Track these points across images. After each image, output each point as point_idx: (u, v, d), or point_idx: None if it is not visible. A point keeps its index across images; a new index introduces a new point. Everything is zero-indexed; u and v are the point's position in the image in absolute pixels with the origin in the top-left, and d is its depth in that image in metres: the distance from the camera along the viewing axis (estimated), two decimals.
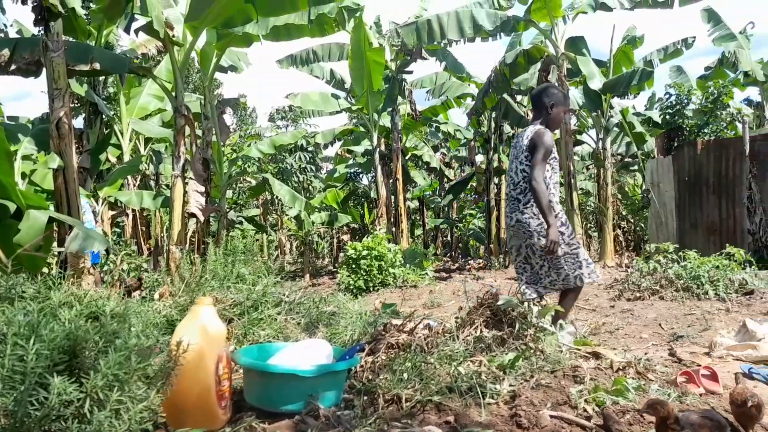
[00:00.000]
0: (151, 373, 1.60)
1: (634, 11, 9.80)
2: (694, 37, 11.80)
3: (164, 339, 2.12)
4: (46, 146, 6.70)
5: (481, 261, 13.45)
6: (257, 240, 14.94)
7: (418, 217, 18.80)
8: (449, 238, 19.57)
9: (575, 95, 11.70)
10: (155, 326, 2.66)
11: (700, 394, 2.89)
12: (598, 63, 10.91)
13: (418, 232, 19.05)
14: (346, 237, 16.97)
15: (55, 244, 4.48)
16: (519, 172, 3.74)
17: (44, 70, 5.29)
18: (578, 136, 13.45)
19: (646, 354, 3.77)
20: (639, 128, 10.84)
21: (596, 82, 9.61)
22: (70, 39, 7.19)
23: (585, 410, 2.45)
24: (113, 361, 1.37)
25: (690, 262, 6.17)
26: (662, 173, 10.04)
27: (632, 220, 13.35)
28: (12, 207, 3.18)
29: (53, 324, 1.39)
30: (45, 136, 6.57)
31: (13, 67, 5.90)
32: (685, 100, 11.32)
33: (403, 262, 9.60)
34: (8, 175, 3.12)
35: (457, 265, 13.49)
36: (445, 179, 18.21)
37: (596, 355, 3.19)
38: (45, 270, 4.21)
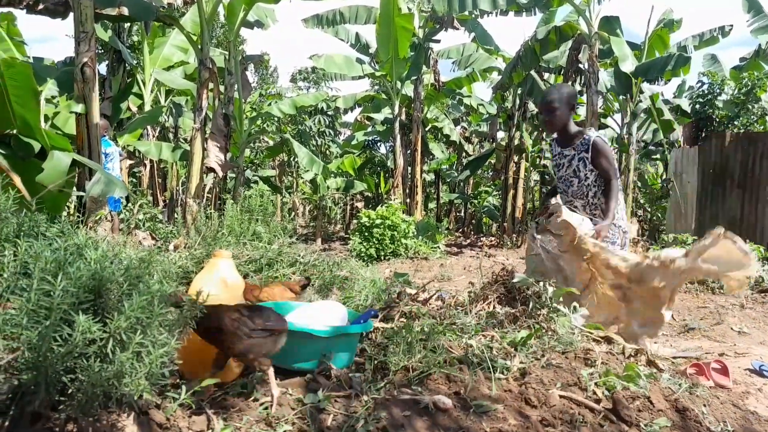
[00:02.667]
0: (170, 320, 1.60)
1: None
2: (732, 26, 11.44)
3: (180, 288, 2.13)
4: (69, 90, 6.69)
5: (493, 239, 13.41)
6: (272, 201, 14.99)
7: (432, 190, 18.72)
8: (462, 214, 19.50)
9: (604, 77, 11.44)
10: (170, 276, 2.68)
11: (710, 387, 2.88)
12: (632, 45, 10.62)
13: (432, 205, 18.99)
14: (359, 204, 16.96)
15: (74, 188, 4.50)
16: None
17: (71, 12, 5.25)
18: (602, 120, 13.22)
19: (656, 343, 3.77)
20: (667, 116, 10.61)
21: (628, 65, 9.37)
22: None
23: (595, 393, 2.44)
24: (137, 304, 1.37)
25: None
26: (686, 163, 9.86)
27: (649, 209, 13.18)
28: (36, 146, 3.19)
29: (79, 262, 1.39)
30: (69, 80, 6.54)
31: (40, 6, 5.86)
32: (717, 90, 11.03)
33: (415, 233, 9.59)
34: (34, 114, 3.11)
35: (468, 241, 13.47)
36: (464, 154, 18.04)
37: (608, 340, 3.17)
38: (63, 213, 4.25)
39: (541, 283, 3.42)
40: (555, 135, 3.51)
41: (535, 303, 3.30)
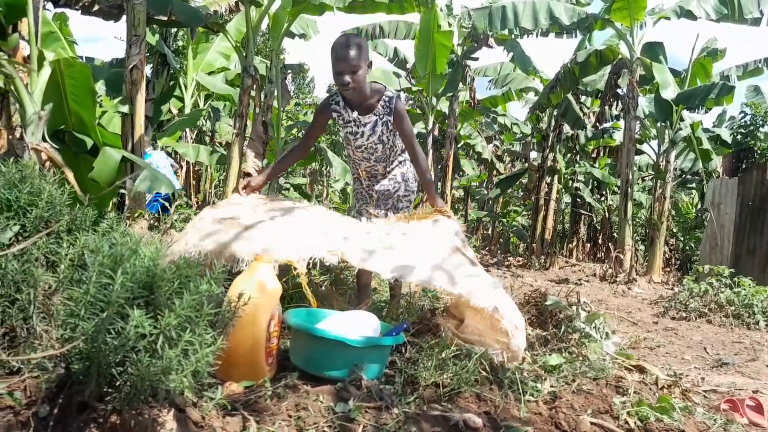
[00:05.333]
0: (215, 321, 1.64)
1: (718, 23, 9.33)
2: None
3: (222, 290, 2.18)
4: (117, 90, 6.91)
5: (521, 259, 13.28)
6: None
7: (461, 207, 18.65)
8: (490, 232, 19.37)
9: (642, 103, 11.30)
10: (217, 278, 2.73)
11: (744, 425, 2.80)
12: (673, 72, 10.48)
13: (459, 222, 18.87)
14: None
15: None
16: None
17: (124, 15, 5.43)
18: (638, 145, 13.03)
19: (687, 375, 3.69)
20: (706, 145, 10.41)
21: (670, 92, 9.24)
22: None
23: (626, 422, 2.40)
24: (187, 302, 1.41)
25: (744, 289, 5.94)
26: (725, 194, 9.64)
27: (682, 239, 12.92)
28: (88, 143, 3.30)
29: (135, 258, 1.44)
30: (117, 80, 6.77)
31: (95, 8, 6.08)
32: (760, 122, 10.79)
33: None
34: (90, 112, 3.23)
35: (495, 260, 13.35)
36: (495, 172, 17.96)
37: (641, 369, 3.12)
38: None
39: (574, 308, 3.40)
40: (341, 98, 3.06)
41: (567, 327, 3.28)
